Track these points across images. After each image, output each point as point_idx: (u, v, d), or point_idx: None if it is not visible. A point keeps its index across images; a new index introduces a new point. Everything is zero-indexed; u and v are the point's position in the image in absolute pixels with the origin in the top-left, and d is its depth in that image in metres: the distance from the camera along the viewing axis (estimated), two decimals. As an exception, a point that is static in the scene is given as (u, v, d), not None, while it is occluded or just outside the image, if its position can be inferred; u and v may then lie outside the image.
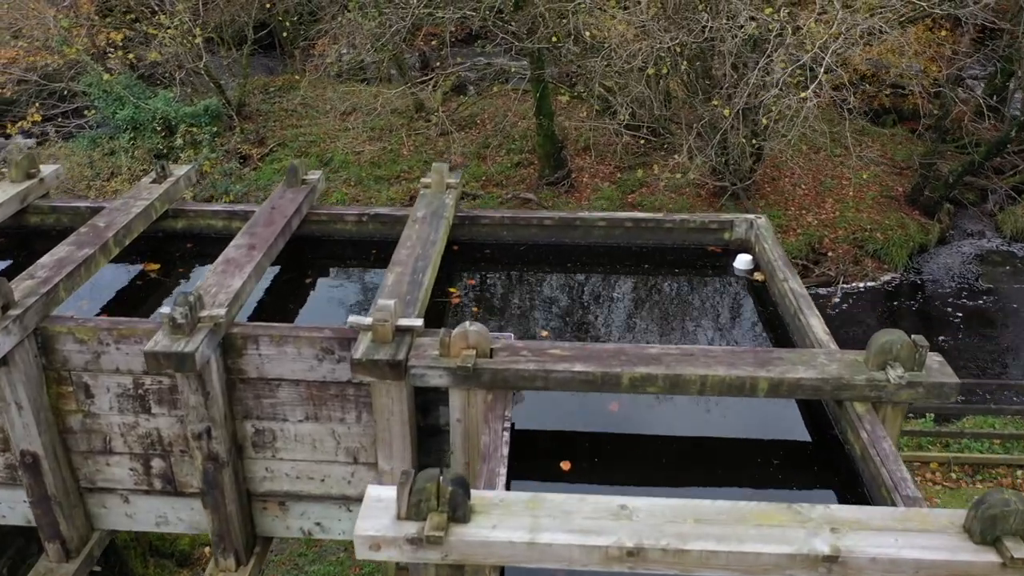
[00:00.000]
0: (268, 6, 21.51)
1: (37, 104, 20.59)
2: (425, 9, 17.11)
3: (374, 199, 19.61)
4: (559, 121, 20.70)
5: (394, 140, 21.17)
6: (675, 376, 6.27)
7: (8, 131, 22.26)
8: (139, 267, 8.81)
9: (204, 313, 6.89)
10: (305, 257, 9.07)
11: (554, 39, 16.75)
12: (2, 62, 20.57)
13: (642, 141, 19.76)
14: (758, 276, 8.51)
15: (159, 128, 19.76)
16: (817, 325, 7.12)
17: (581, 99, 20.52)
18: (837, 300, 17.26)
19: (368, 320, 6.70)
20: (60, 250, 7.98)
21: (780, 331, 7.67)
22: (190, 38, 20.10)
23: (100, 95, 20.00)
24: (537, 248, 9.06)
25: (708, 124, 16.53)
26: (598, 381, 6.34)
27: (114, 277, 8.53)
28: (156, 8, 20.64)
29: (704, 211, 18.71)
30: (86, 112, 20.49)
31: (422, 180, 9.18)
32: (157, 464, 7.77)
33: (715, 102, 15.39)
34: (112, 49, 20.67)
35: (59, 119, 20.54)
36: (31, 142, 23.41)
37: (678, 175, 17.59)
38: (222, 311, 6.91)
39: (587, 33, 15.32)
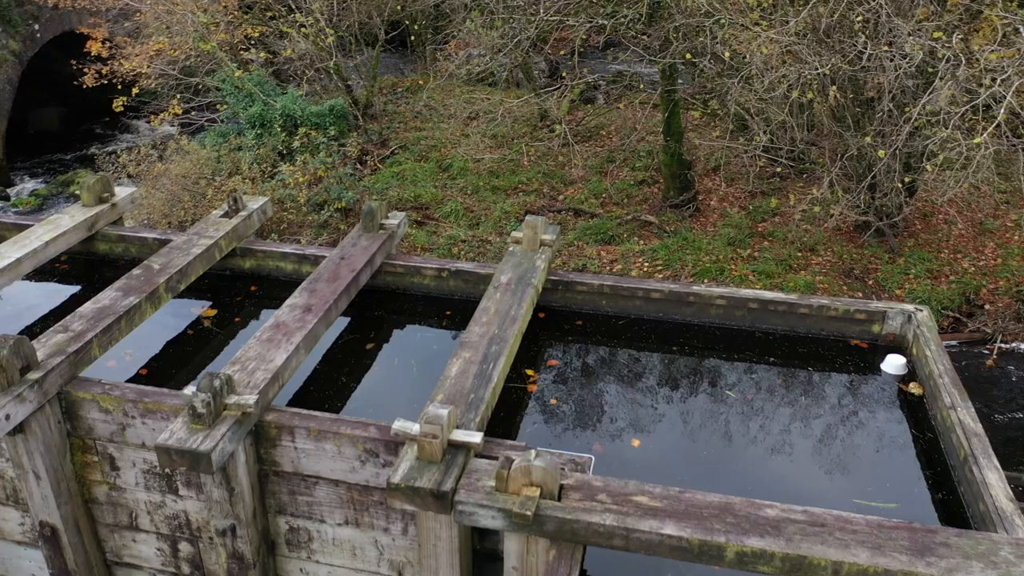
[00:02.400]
0: (400, 8, 20.42)
1: (178, 97, 20.25)
2: (555, 16, 15.52)
3: (489, 211, 18.23)
4: (689, 138, 18.71)
5: (515, 149, 19.72)
6: (798, 558, 4.53)
7: (152, 123, 22.16)
8: (196, 312, 7.70)
9: (231, 400, 5.62)
10: (373, 313, 7.72)
11: (688, 55, 14.82)
12: (149, 54, 20.32)
13: (778, 169, 17.57)
14: (914, 388, 6.57)
15: (285, 126, 19.00)
16: (998, 485, 5.18)
17: (715, 116, 18.47)
18: (991, 363, 14.70)
19: (415, 429, 5.26)
20: (104, 296, 6.92)
21: (941, 478, 5.75)
22: (322, 37, 19.23)
23: (231, 91, 19.40)
24: (640, 324, 7.40)
25: (855, 157, 14.27)
26: (694, 551, 4.68)
27: (166, 322, 7.42)
28: (293, 6, 19.87)
29: (844, 248, 16.44)
30: (218, 107, 19.99)
31: (512, 234, 7.65)
32: (185, 548, 6.62)
33: (867, 138, 13.15)
34: (247, 46, 20.08)
35: (192, 113, 20.12)
36: (174, 129, 23.32)
37: (816, 208, 15.39)
38: (252, 399, 5.62)
39: (726, 53, 13.34)
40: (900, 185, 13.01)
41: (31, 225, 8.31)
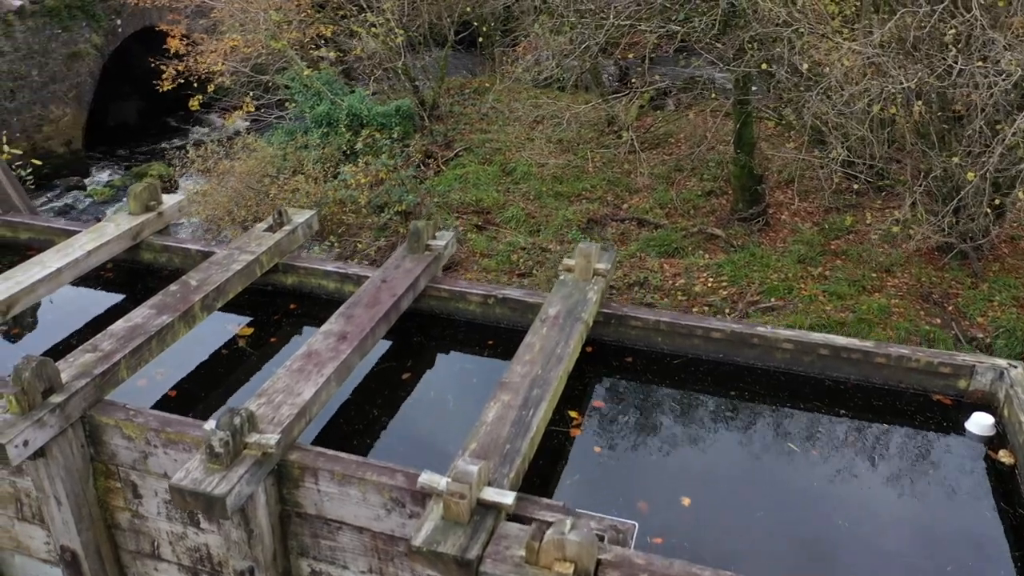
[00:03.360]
0: (470, 10, 19.92)
1: (251, 95, 20.17)
2: (626, 21, 14.83)
3: (550, 217, 17.62)
4: (761, 149, 17.79)
5: (580, 155, 19.06)
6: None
7: (226, 120, 22.17)
8: (232, 329, 7.34)
9: (252, 439, 5.20)
10: (413, 339, 7.24)
11: (764, 65, 13.97)
12: (223, 52, 20.29)
13: (856, 185, 16.55)
14: (1004, 456, 5.80)
15: (351, 126, 18.74)
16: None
17: (790, 128, 17.53)
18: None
19: (442, 484, 4.76)
20: (137, 314, 6.59)
21: (1033, 567, 5.02)
22: (392, 37, 18.89)
23: (300, 89, 19.21)
24: (697, 365, 6.76)
25: (940, 177, 13.24)
26: (743, 652, 4.08)
27: (201, 337, 7.05)
28: (364, 5, 19.58)
29: (923, 270, 15.38)
30: (286, 105, 19.83)
31: (564, 262, 7.08)
32: (207, 582, 6.29)
33: (955, 158, 12.15)
34: (316, 45, 19.87)
35: (262, 110, 20.01)
36: (244, 125, 23.35)
37: (895, 228, 14.39)
38: (273, 439, 5.18)
39: (804, 65, 12.48)
40: (989, 210, 11.97)
41: (78, 231, 8.10)
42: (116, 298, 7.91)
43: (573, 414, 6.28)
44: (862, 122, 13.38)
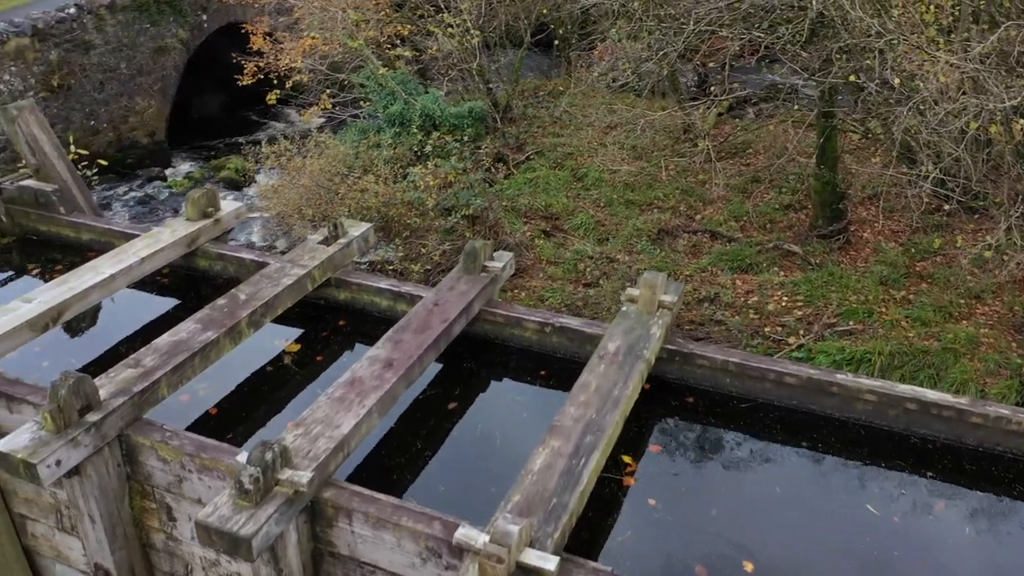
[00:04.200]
0: (546, 12, 19.41)
1: (327, 92, 20.11)
2: (707, 27, 14.12)
3: (620, 226, 17.02)
4: (845, 163, 16.84)
5: (653, 163, 18.36)
6: None
7: (303, 116, 22.22)
8: (279, 344, 7.04)
9: (284, 475, 4.85)
10: (463, 364, 6.82)
11: (852, 77, 13.11)
12: (302, 49, 20.27)
13: (946, 206, 15.48)
14: (1117, 542, 5.07)
15: (423, 126, 18.46)
16: None
17: (876, 141, 16.54)
18: None
19: (480, 541, 4.32)
20: (183, 328, 6.34)
21: None
22: (468, 37, 18.54)
23: (375, 88, 19.03)
24: (768, 411, 6.16)
25: (1042, 202, 12.19)
26: None
27: (247, 351, 6.77)
28: (442, 5, 19.28)
29: (1017, 299, 14.31)
30: (361, 103, 19.69)
31: (627, 291, 6.56)
32: (239, 611, 6.00)
33: (1059, 184, 11.14)
34: (392, 44, 19.66)
35: (336, 108, 19.91)
36: (318, 123, 23.36)
37: (987, 252, 13.37)
38: (306, 477, 4.82)
39: (895, 78, 11.61)
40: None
41: (136, 236, 7.93)
42: (170, 304, 7.72)
43: (627, 459, 5.76)
44: (957, 141, 12.44)
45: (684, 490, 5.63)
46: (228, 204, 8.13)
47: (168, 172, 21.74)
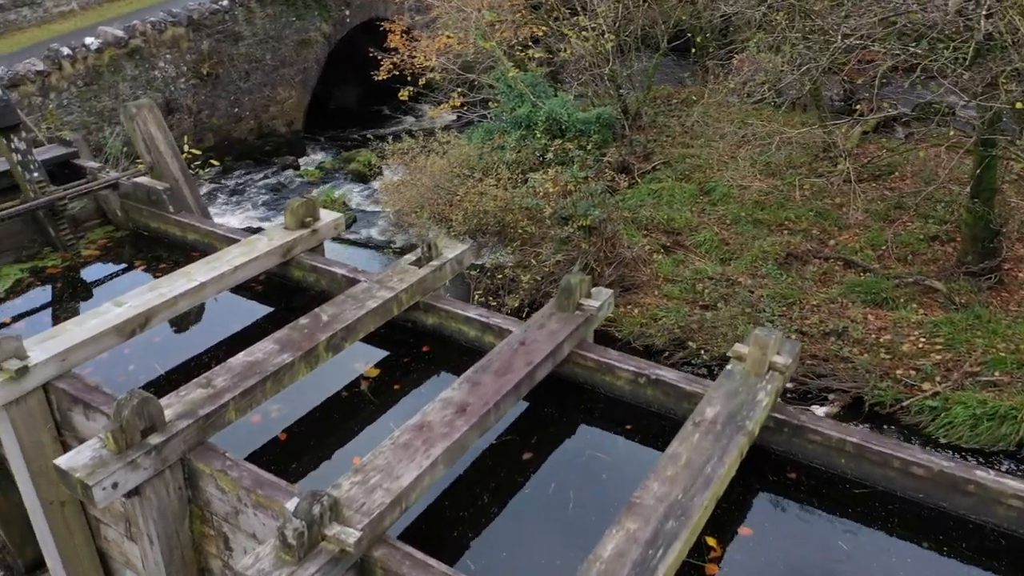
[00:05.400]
0: (685, 18, 18.41)
1: (458, 90, 19.90)
2: (858, 41, 12.87)
3: (746, 247, 15.92)
4: (1004, 194, 15.11)
5: (787, 181, 17.08)
6: None
7: (432, 113, 22.13)
8: (358, 367, 6.64)
9: (332, 531, 4.41)
10: (544, 408, 6.20)
11: (1019, 104, 11.61)
12: (436, 48, 20.13)
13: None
14: None
15: (549, 130, 17.90)
16: None
17: (1044, 171, 14.77)
18: None
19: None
20: (259, 348, 6.03)
21: None
22: (602, 41, 17.81)
23: (504, 90, 18.62)
24: (887, 501, 5.25)
25: None
26: None
27: (325, 371, 6.39)
28: (579, 8, 18.62)
29: None
30: (490, 104, 19.33)
31: (735, 348, 5.75)
32: (291, 651, 5.65)
33: None
34: (523, 46, 19.17)
35: (465, 108, 19.65)
36: (449, 118, 23.22)
37: None
38: (354, 536, 4.36)
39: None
40: None
41: (237, 240, 7.76)
42: (261, 312, 7.50)
43: (711, 542, 5.00)
44: None
45: (781, 589, 4.84)
46: (327, 214, 7.83)
47: (302, 161, 22.14)
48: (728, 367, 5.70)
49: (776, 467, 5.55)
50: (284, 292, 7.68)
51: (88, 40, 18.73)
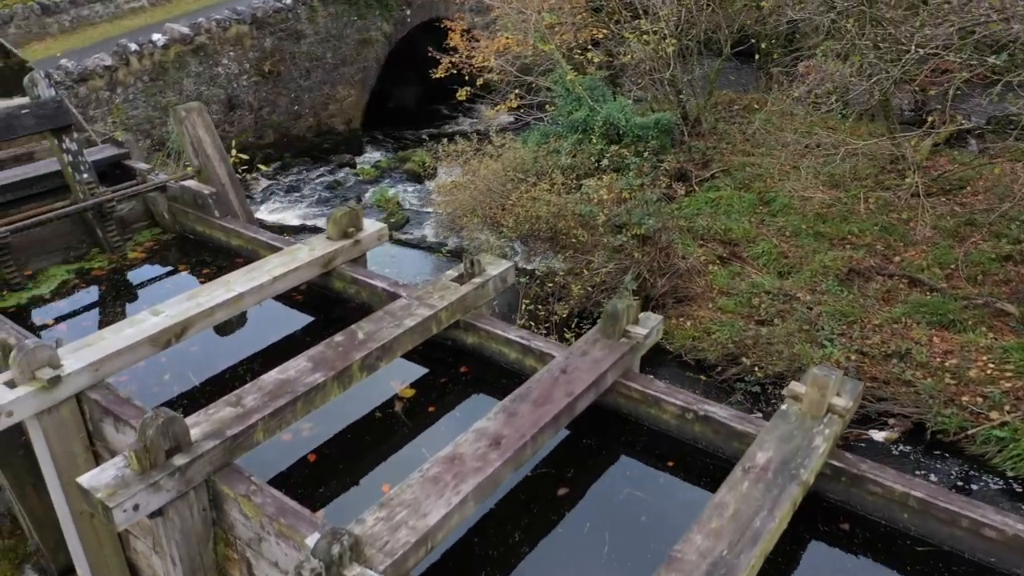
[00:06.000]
0: (750, 23, 17.74)
1: (516, 93, 19.58)
2: (933, 52, 12.19)
3: (806, 260, 15.26)
4: (1086, 213, 14.18)
5: (851, 193, 16.32)
6: None
7: (489, 114, 21.87)
8: (393, 386, 6.36)
9: (351, 572, 4.15)
10: (583, 440, 5.84)
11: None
12: (495, 49, 19.85)
13: None
14: None
15: (607, 134, 17.45)
16: None
17: None
18: None
19: None
20: (292, 366, 5.80)
21: None
22: (663, 45, 17.29)
23: (562, 92, 18.23)
24: (954, 563, 4.75)
25: None
26: None
27: (359, 389, 6.12)
28: (641, 11, 18.11)
29: None
30: (546, 107, 18.96)
31: (790, 387, 5.31)
32: None
33: None
34: (583, 49, 18.74)
35: (521, 110, 19.30)
36: (505, 120, 22.89)
37: None
38: (372, 578, 4.10)
39: None
40: None
41: (280, 248, 7.57)
42: (301, 322, 7.29)
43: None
44: None
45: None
46: (370, 224, 7.59)
47: (358, 159, 22.09)
48: (783, 407, 5.26)
49: (829, 516, 5.10)
50: (325, 302, 7.47)
51: (155, 36, 18.93)
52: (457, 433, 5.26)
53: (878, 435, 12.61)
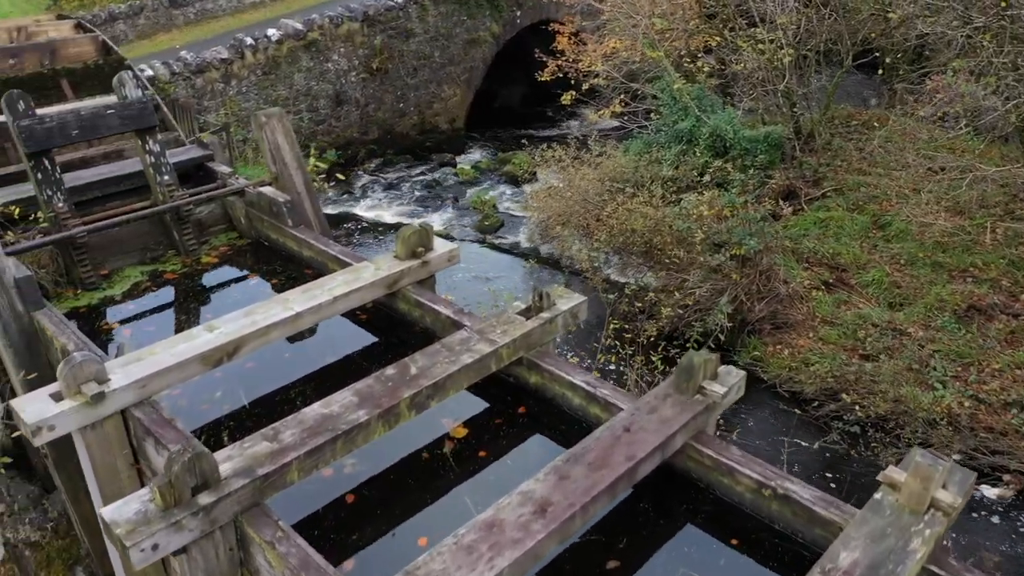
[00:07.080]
0: (875, 35, 16.31)
1: (621, 97, 18.80)
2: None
3: (920, 292, 13.94)
4: None
5: (978, 221, 14.80)
6: None
7: (592, 118, 21.19)
8: (444, 423, 5.85)
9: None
10: (642, 504, 5.16)
11: None
12: (603, 53, 19.11)
13: None
14: None
15: (713, 146, 16.47)
16: None
17: None
18: None
19: None
20: (336, 400, 5.36)
21: None
22: (779, 55, 16.14)
23: (668, 101, 17.32)
24: None
25: None
26: None
27: (409, 427, 5.65)
28: (758, 19, 16.98)
29: None
30: (651, 116, 18.08)
31: (887, 473, 4.47)
32: None
33: None
34: (694, 57, 17.74)
35: (625, 117, 18.49)
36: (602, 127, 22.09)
37: None
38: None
39: None
40: None
41: (348, 264, 7.20)
42: (361, 343, 6.88)
43: None
44: None
45: None
46: (440, 244, 7.10)
47: (459, 159, 21.81)
48: (876, 496, 4.45)
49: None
50: (389, 323, 7.05)
51: (270, 31, 19.15)
52: (505, 484, 4.72)
53: (990, 491, 11.36)
